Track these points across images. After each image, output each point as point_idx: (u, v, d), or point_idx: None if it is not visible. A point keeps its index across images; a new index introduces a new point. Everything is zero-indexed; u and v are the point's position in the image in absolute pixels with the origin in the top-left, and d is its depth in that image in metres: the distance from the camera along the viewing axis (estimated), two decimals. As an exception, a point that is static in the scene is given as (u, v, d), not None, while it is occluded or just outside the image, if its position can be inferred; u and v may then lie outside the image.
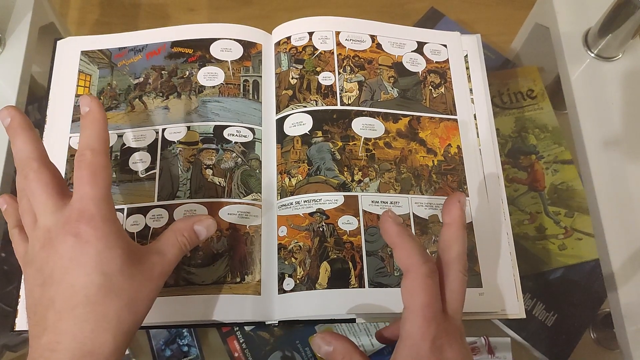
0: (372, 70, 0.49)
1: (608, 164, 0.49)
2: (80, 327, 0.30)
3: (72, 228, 0.31)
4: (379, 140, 0.46)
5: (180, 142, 0.46)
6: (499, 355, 0.57)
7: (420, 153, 0.46)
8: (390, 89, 0.48)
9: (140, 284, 0.32)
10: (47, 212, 0.33)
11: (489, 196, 0.45)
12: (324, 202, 0.43)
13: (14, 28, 0.54)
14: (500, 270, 0.43)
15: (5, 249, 0.57)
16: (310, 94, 0.47)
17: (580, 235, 0.59)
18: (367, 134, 0.46)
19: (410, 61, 0.50)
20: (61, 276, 0.31)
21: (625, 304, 0.44)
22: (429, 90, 0.49)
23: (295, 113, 0.47)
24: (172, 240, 0.36)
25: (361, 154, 0.45)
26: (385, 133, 0.46)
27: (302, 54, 0.49)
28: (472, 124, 0.48)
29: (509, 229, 0.44)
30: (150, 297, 0.34)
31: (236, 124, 0.46)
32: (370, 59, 0.49)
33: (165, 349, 0.56)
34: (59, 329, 0.30)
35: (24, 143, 0.35)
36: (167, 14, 0.79)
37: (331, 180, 0.44)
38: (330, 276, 0.41)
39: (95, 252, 0.31)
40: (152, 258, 0.34)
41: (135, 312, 0.32)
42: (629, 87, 0.52)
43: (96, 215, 0.32)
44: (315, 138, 0.45)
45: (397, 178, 0.45)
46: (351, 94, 0.47)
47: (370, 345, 0.55)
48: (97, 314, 0.30)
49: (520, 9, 0.67)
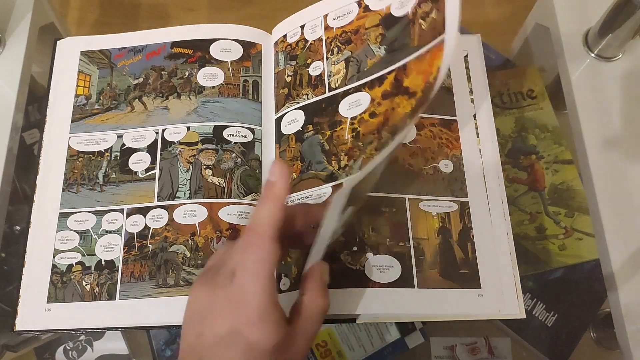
0: (359, 39, 0.47)
1: (608, 164, 0.49)
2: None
3: (230, 313, 0.31)
4: (364, 115, 0.44)
5: (180, 143, 0.46)
6: (499, 355, 0.57)
7: (402, 105, 0.42)
8: (377, 50, 0.46)
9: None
10: (221, 273, 0.32)
11: (489, 196, 0.45)
12: (314, 198, 0.43)
13: (14, 28, 0.54)
14: (500, 271, 0.43)
15: (5, 249, 0.57)
16: (302, 89, 0.47)
17: (580, 235, 0.59)
18: (353, 112, 0.44)
19: (399, 4, 0.46)
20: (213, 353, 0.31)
21: (625, 304, 0.44)
22: (418, 26, 0.42)
23: (290, 111, 0.47)
24: (313, 310, 0.34)
25: (347, 137, 0.44)
26: (371, 102, 0.44)
27: (296, 49, 0.49)
28: (472, 124, 0.48)
29: (509, 229, 0.44)
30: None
31: (236, 124, 0.46)
32: (357, 28, 0.48)
33: (165, 349, 0.56)
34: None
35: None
36: (167, 14, 0.79)
37: (320, 174, 0.44)
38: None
39: (246, 344, 0.30)
40: (297, 342, 0.32)
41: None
42: (629, 87, 0.52)
43: (252, 308, 0.31)
44: (307, 133, 0.45)
45: (378, 146, 0.43)
46: (338, 76, 0.47)
47: (370, 345, 0.55)
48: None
49: (520, 9, 0.67)
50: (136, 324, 0.41)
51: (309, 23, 0.49)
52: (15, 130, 0.50)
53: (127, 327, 0.42)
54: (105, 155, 0.47)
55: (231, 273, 0.31)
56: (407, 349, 0.55)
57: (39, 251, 0.44)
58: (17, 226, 0.57)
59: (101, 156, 0.47)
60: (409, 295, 0.41)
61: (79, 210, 0.45)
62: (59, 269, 0.43)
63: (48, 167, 0.46)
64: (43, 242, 0.44)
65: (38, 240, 0.44)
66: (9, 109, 0.50)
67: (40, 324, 0.42)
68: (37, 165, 0.46)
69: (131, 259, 0.43)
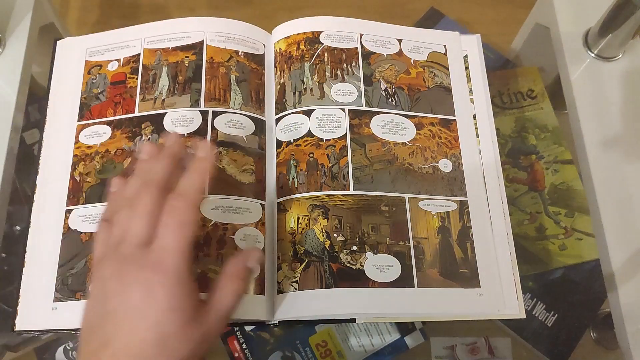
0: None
1: (608, 164, 0.49)
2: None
3: (146, 276, 0.32)
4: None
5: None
6: (499, 355, 0.57)
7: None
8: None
9: (195, 345, 0.32)
10: (133, 242, 0.33)
11: (489, 196, 0.45)
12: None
13: (14, 28, 0.54)
14: (500, 271, 0.43)
15: (5, 249, 0.57)
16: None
17: (580, 235, 0.59)
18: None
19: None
20: (122, 320, 0.31)
21: (625, 304, 0.44)
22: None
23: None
24: (229, 289, 0.35)
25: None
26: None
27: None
28: (472, 123, 0.48)
29: (509, 229, 0.44)
30: (202, 355, 0.33)
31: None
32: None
33: (165, 349, 0.56)
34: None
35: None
36: (167, 14, 0.79)
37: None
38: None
39: (159, 310, 0.31)
40: (210, 319, 0.33)
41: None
42: (629, 87, 0.52)
43: (170, 271, 0.32)
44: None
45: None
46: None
47: (370, 345, 0.55)
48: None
49: (520, 9, 0.67)
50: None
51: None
52: (15, 130, 0.50)
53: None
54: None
55: (146, 238, 0.33)
56: (407, 349, 0.55)
57: (39, 251, 0.44)
58: (17, 226, 0.57)
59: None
60: (409, 295, 0.41)
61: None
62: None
63: (48, 167, 0.46)
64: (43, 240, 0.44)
65: (38, 240, 0.44)
66: (9, 109, 0.50)
67: (44, 323, 0.41)
68: (37, 165, 0.46)
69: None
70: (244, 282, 0.35)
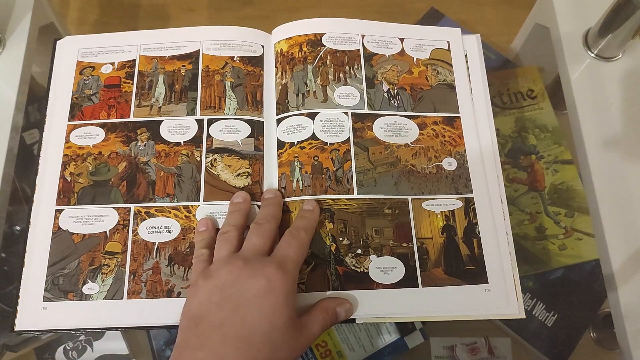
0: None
1: (608, 164, 0.49)
2: (236, 358, 0.33)
3: (269, 272, 0.36)
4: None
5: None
6: (499, 355, 0.57)
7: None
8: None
9: (290, 347, 0.35)
10: (253, 250, 0.38)
11: (489, 196, 0.45)
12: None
13: (14, 28, 0.54)
14: (500, 271, 0.43)
15: (5, 249, 0.57)
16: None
17: (580, 235, 0.59)
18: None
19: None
20: (238, 306, 0.35)
21: (625, 304, 0.44)
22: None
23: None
24: (318, 318, 0.38)
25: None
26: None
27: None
28: (475, 120, 0.48)
29: (509, 229, 0.44)
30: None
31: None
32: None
33: (165, 349, 0.56)
34: (220, 353, 0.34)
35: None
36: (167, 14, 0.79)
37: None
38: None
39: (276, 301, 0.35)
40: (303, 330, 0.37)
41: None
42: (629, 87, 0.52)
43: (290, 274, 0.37)
44: None
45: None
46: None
47: (370, 346, 0.55)
48: (250, 355, 0.34)
49: (520, 9, 0.67)
50: (136, 324, 0.41)
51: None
52: (15, 130, 0.50)
53: (127, 327, 0.41)
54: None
55: (265, 251, 0.39)
56: (407, 349, 0.55)
57: (32, 250, 0.43)
58: (17, 226, 0.57)
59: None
60: (414, 295, 0.41)
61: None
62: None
63: (48, 167, 0.46)
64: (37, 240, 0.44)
65: (33, 240, 0.44)
66: (9, 109, 0.50)
67: (34, 323, 0.41)
68: (37, 165, 0.46)
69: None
70: (332, 317, 0.39)
